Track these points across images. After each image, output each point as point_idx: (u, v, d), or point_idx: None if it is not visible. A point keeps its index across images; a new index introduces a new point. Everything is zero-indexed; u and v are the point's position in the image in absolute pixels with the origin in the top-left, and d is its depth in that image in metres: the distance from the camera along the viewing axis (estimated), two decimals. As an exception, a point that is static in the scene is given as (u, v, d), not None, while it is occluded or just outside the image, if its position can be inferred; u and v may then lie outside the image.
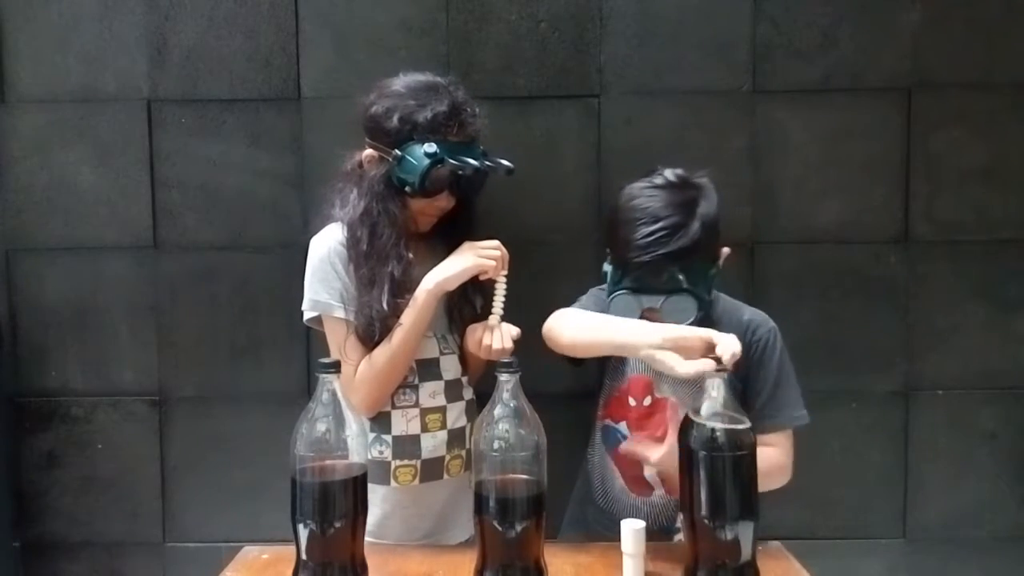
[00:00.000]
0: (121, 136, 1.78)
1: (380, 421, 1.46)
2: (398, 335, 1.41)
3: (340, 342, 1.43)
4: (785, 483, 1.37)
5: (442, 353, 1.50)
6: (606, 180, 1.74)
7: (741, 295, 1.62)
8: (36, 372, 1.81)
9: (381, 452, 1.45)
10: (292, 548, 1.12)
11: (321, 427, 1.10)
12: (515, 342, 1.45)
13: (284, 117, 1.77)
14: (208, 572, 1.35)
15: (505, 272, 1.45)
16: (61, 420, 1.82)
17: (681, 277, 1.30)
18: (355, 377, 1.42)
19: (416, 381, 1.47)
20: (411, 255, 1.43)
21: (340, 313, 1.44)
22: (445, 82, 1.44)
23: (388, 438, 1.45)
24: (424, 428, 1.46)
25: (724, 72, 1.75)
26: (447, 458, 1.48)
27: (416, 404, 1.46)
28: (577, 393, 1.60)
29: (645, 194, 1.35)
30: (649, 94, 1.75)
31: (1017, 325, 1.78)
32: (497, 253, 1.43)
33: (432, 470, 1.47)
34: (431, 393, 1.47)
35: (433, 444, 1.46)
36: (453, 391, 1.50)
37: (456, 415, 1.50)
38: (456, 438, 1.49)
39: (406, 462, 1.45)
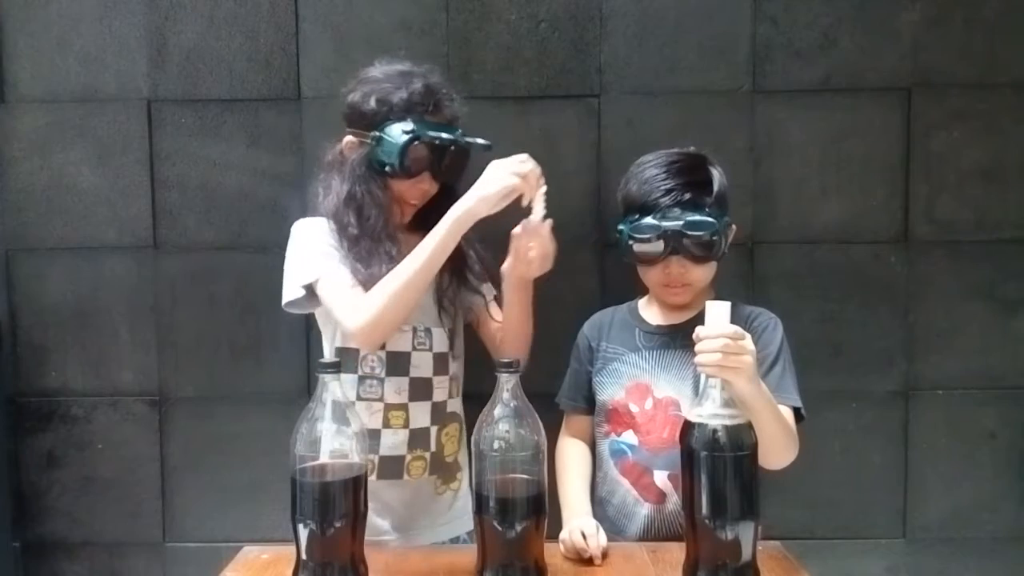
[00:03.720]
0: (121, 136, 1.78)
1: None
2: (411, 261, 1.33)
3: (348, 284, 1.37)
4: (790, 460, 1.32)
5: (415, 348, 1.46)
6: (606, 180, 1.73)
7: (741, 295, 1.62)
8: (36, 372, 1.81)
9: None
10: (292, 548, 1.12)
11: (321, 427, 1.10)
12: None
13: (284, 117, 1.77)
14: (208, 572, 1.34)
15: (544, 188, 1.35)
16: (61, 420, 1.82)
17: (700, 202, 1.38)
18: (363, 301, 1.35)
19: (383, 374, 1.44)
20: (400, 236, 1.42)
21: (339, 264, 1.38)
22: (421, 69, 1.45)
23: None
24: (386, 424, 1.44)
25: (724, 72, 1.75)
26: (408, 458, 1.45)
27: (381, 399, 1.44)
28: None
29: (657, 154, 1.45)
30: (649, 94, 1.75)
31: (1017, 325, 1.78)
32: (530, 166, 1.33)
33: (390, 468, 1.44)
34: (396, 389, 1.45)
35: (394, 441, 1.44)
36: (419, 390, 1.46)
37: (419, 415, 1.46)
38: (418, 439, 1.46)
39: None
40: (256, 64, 1.76)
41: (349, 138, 1.45)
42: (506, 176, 1.31)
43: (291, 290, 1.43)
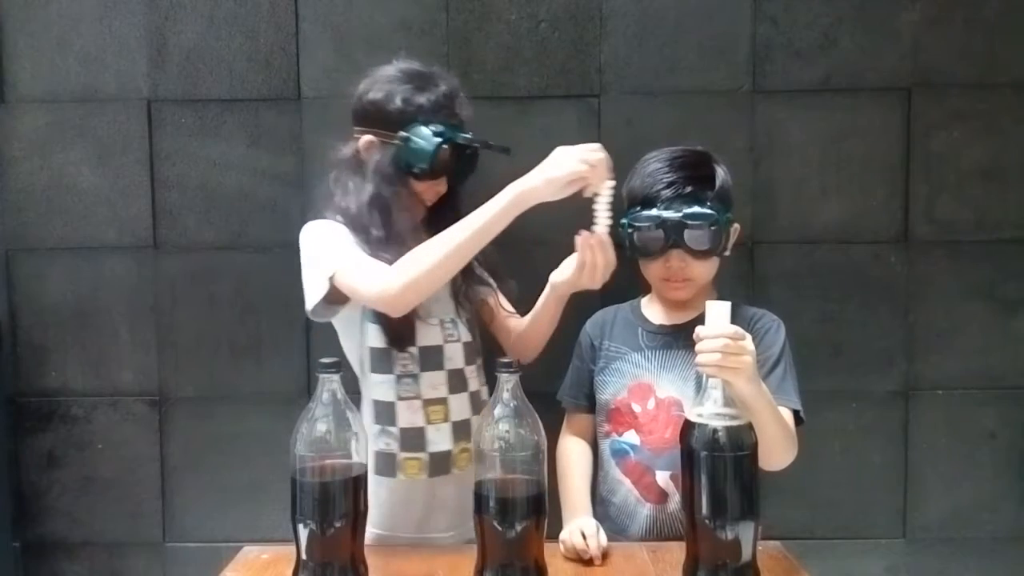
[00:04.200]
0: (121, 136, 1.78)
1: (385, 413, 1.42)
2: (459, 231, 1.28)
3: (371, 261, 1.33)
4: (789, 461, 1.33)
5: (446, 341, 1.45)
6: (606, 180, 1.73)
7: (741, 295, 1.62)
8: (36, 372, 1.81)
9: (387, 444, 1.42)
10: (292, 548, 1.12)
11: (321, 427, 1.10)
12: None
13: (284, 117, 1.77)
14: (208, 572, 1.35)
15: (612, 183, 1.30)
16: (61, 420, 1.82)
17: (701, 196, 1.39)
18: (395, 266, 1.30)
19: (417, 371, 1.43)
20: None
21: (359, 251, 1.35)
22: (436, 70, 1.46)
23: (395, 430, 1.42)
24: (428, 420, 1.42)
25: (724, 72, 1.75)
26: (454, 452, 1.44)
27: (418, 395, 1.42)
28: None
29: (662, 150, 1.46)
30: (649, 94, 1.75)
31: (1017, 325, 1.78)
32: (601, 156, 1.28)
33: (440, 464, 1.43)
34: (432, 384, 1.43)
35: (438, 437, 1.42)
36: (455, 382, 1.45)
37: (459, 407, 1.45)
38: (461, 431, 1.45)
39: (413, 455, 1.42)
40: (256, 64, 1.76)
41: (368, 137, 1.43)
42: (575, 162, 1.26)
43: (315, 289, 1.37)
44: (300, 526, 1.10)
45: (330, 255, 1.37)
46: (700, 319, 1.16)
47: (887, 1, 1.73)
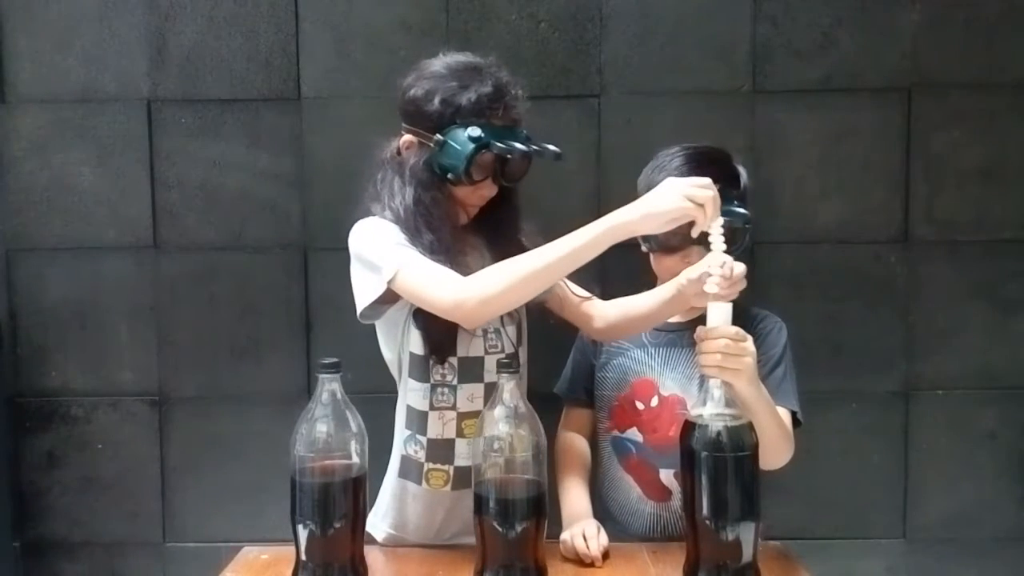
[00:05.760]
0: (121, 136, 1.78)
1: (417, 421, 1.37)
2: (543, 254, 1.19)
3: (431, 262, 1.26)
4: (784, 462, 1.32)
5: (487, 352, 1.37)
6: (606, 180, 1.74)
7: (741, 295, 1.62)
8: (36, 372, 1.81)
9: (415, 452, 1.38)
10: (292, 548, 1.12)
11: (321, 427, 1.11)
12: None
13: (284, 117, 1.77)
14: (208, 572, 1.35)
15: (722, 221, 1.16)
16: (61, 420, 1.82)
17: (728, 195, 1.29)
18: (472, 278, 1.23)
19: (455, 382, 1.36)
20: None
21: (419, 253, 1.27)
22: (487, 63, 1.36)
23: (423, 439, 1.37)
24: (459, 433, 1.36)
25: (724, 72, 1.75)
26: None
27: (453, 407, 1.36)
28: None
29: (681, 146, 1.42)
30: (649, 94, 1.75)
31: (1017, 325, 1.78)
32: (711, 194, 1.15)
33: (465, 478, 1.32)
34: (469, 396, 1.36)
35: (468, 451, 1.34)
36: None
37: None
38: None
39: (439, 466, 1.37)
40: (256, 64, 1.76)
41: (408, 137, 1.36)
42: (680, 198, 1.15)
43: (370, 289, 1.30)
44: (300, 527, 1.10)
45: (389, 255, 1.28)
46: (703, 319, 1.16)
47: (887, 1, 1.73)
